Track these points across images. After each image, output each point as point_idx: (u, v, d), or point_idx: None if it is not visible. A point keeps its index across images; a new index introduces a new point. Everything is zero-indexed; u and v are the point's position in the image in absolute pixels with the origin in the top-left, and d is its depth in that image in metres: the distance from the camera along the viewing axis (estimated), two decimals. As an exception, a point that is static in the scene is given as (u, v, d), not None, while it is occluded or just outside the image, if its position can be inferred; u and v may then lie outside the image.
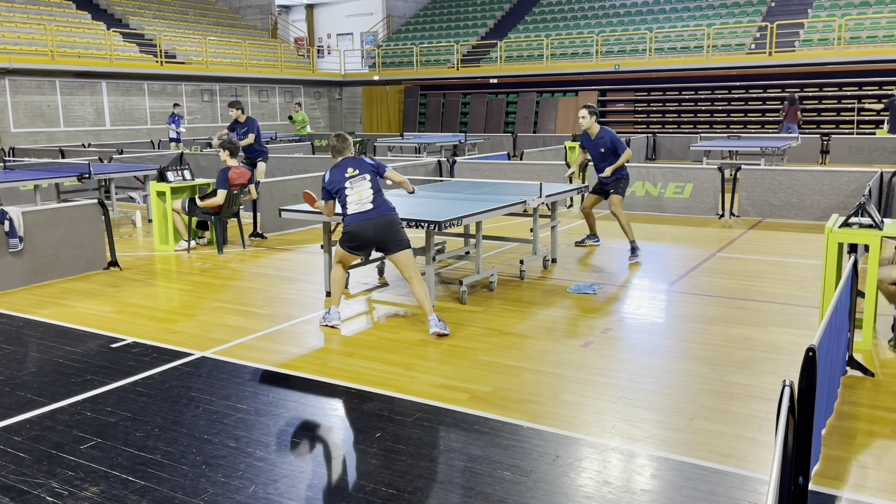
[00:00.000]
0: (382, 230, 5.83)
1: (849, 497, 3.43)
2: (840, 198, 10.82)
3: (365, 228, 5.81)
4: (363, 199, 5.83)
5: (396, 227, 5.91)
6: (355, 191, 5.86)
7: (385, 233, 5.84)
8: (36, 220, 7.76)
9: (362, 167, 5.94)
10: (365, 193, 5.85)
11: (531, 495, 3.46)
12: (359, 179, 5.88)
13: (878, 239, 5.19)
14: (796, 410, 2.72)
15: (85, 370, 5.22)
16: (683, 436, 4.04)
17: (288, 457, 3.88)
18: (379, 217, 5.84)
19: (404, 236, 5.94)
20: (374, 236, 5.84)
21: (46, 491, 3.58)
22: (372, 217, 5.82)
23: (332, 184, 5.95)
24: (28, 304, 7.04)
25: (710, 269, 8.01)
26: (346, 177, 5.89)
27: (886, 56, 21.54)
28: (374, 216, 5.83)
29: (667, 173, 12.00)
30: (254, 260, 8.92)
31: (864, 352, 5.27)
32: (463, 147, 20.85)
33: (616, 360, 5.24)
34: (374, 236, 5.84)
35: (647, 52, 25.52)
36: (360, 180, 5.88)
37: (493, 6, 33.09)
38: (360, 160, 5.99)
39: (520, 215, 8.27)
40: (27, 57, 21.24)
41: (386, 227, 5.85)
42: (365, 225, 5.81)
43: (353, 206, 5.85)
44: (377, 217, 5.83)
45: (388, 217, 5.89)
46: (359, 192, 5.85)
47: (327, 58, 35.43)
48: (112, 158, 15.85)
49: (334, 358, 5.40)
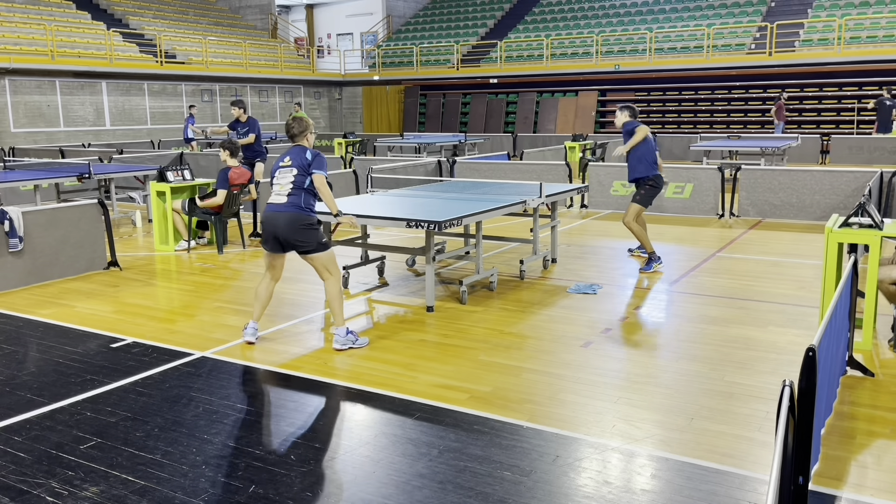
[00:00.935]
0: (279, 226, 5.49)
1: (849, 497, 3.43)
2: (840, 198, 10.82)
3: (268, 219, 5.52)
4: (280, 192, 5.54)
5: (300, 226, 5.48)
6: (278, 181, 5.59)
7: (281, 230, 5.47)
8: (36, 220, 7.76)
9: (296, 159, 5.58)
10: (285, 186, 5.54)
11: (531, 495, 3.46)
12: (286, 171, 5.58)
13: (878, 239, 5.19)
14: (796, 410, 2.72)
15: (85, 370, 5.22)
16: (683, 436, 4.04)
17: (288, 457, 3.88)
18: (276, 212, 5.48)
19: (312, 239, 5.52)
20: (273, 231, 5.50)
21: (46, 491, 3.58)
22: (279, 210, 5.48)
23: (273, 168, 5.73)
24: (28, 304, 7.04)
25: (710, 269, 8.01)
26: (279, 165, 5.64)
27: (886, 56, 21.54)
28: (275, 210, 5.51)
29: (667, 173, 11.99)
30: (254, 260, 8.92)
31: (864, 352, 5.27)
32: (463, 147, 20.84)
33: (616, 360, 5.24)
34: (272, 231, 5.51)
35: (647, 52, 25.52)
36: (287, 171, 5.57)
37: (493, 6, 33.09)
38: (299, 151, 5.60)
39: (520, 215, 8.26)
40: (27, 57, 21.24)
41: (283, 223, 5.47)
42: (269, 217, 5.52)
43: (272, 195, 5.58)
44: (275, 212, 5.49)
45: (292, 215, 5.47)
46: (281, 182, 5.57)
47: (327, 58, 35.44)
48: (112, 158, 15.85)
49: (334, 358, 5.40)
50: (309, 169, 5.53)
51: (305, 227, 5.50)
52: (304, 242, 5.50)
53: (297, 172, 5.52)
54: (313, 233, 5.54)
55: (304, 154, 5.57)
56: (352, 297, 7.14)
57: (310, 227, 5.53)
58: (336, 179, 11.91)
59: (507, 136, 24.62)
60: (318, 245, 5.55)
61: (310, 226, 5.53)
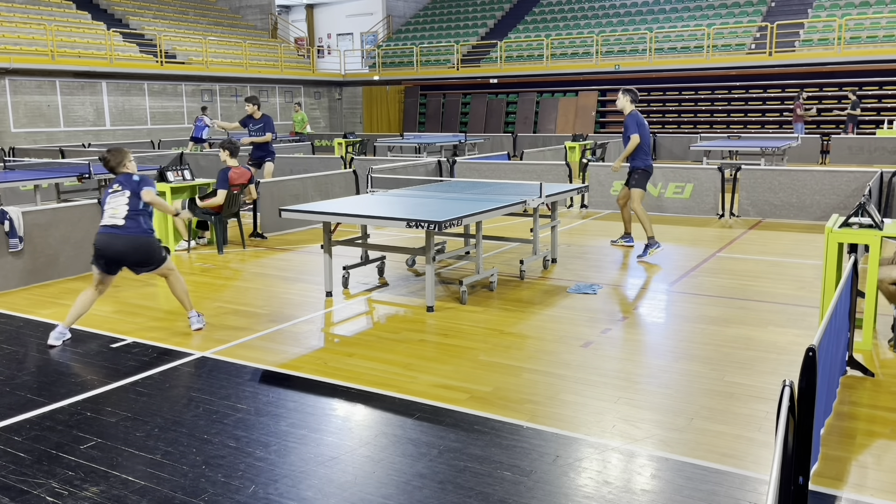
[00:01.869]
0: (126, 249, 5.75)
1: (849, 497, 3.43)
2: (840, 198, 10.82)
3: (106, 242, 5.73)
4: (116, 215, 5.77)
5: (144, 248, 5.83)
6: (111, 205, 5.82)
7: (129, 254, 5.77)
8: (36, 220, 7.76)
9: (126, 185, 5.86)
10: (120, 210, 5.78)
11: (531, 495, 3.46)
12: (118, 195, 5.83)
13: (878, 239, 5.19)
14: (796, 410, 2.72)
15: (85, 370, 5.22)
16: (683, 436, 4.04)
17: (288, 457, 3.88)
18: (124, 235, 5.74)
19: (157, 257, 5.88)
20: (114, 253, 5.75)
21: (46, 491, 3.58)
22: (118, 233, 5.73)
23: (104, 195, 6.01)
24: (28, 304, 7.04)
25: (710, 269, 8.01)
26: (109, 192, 5.88)
27: (886, 56, 21.55)
28: (120, 233, 5.74)
29: (667, 173, 12.01)
30: (254, 260, 8.92)
31: (864, 352, 5.27)
32: (463, 147, 20.84)
33: (616, 360, 5.24)
34: (113, 253, 5.75)
35: (647, 52, 25.53)
36: (119, 195, 5.83)
37: (493, 6, 33.10)
38: (127, 178, 5.90)
39: (520, 215, 8.26)
40: (27, 57, 21.25)
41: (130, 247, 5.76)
42: (107, 238, 5.74)
43: (106, 219, 5.80)
44: (122, 234, 5.74)
45: (133, 238, 5.77)
46: (114, 206, 5.80)
47: (327, 58, 35.44)
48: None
49: (334, 358, 5.40)
50: (139, 190, 5.83)
51: (147, 248, 5.86)
52: (150, 262, 5.89)
53: (129, 195, 5.83)
54: (156, 252, 5.91)
55: (132, 178, 5.92)
56: (352, 297, 7.14)
57: (151, 247, 5.88)
58: (336, 180, 11.92)
59: (507, 136, 24.63)
60: (161, 259, 5.94)
61: (151, 246, 5.88)
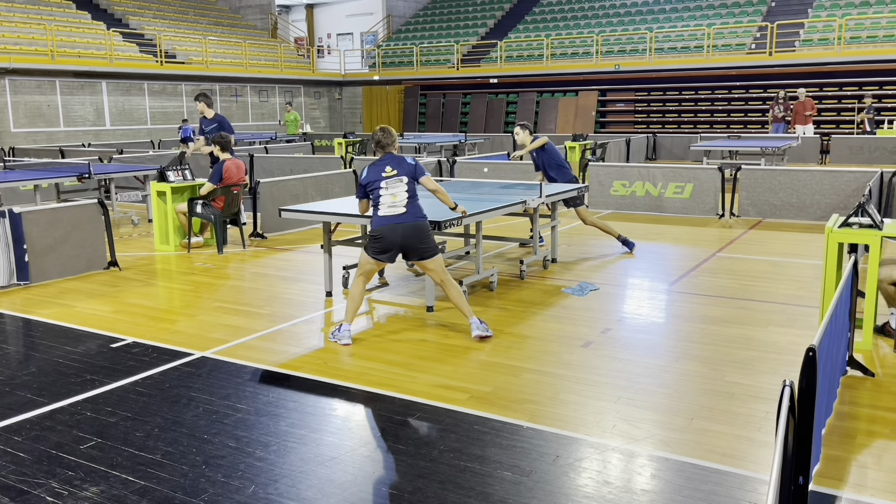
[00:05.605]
0: (410, 236, 5.65)
1: (849, 497, 3.42)
2: (840, 198, 10.82)
3: (394, 231, 5.62)
4: (396, 202, 5.64)
5: (425, 234, 5.72)
6: (389, 192, 5.65)
7: (412, 239, 5.66)
8: (36, 220, 7.76)
9: (401, 167, 5.70)
10: (399, 196, 5.64)
11: (531, 495, 3.46)
12: (395, 180, 5.66)
13: (878, 239, 5.19)
14: (796, 410, 2.72)
15: (85, 370, 5.22)
16: (683, 436, 4.04)
17: (288, 457, 3.88)
18: (408, 223, 5.65)
19: (433, 243, 5.77)
20: (401, 241, 5.66)
21: (46, 491, 3.58)
22: (402, 221, 5.63)
23: (368, 181, 5.72)
24: (28, 304, 7.04)
25: (710, 269, 8.01)
26: (382, 176, 5.67)
27: (886, 56, 21.55)
28: (403, 220, 5.64)
29: (667, 173, 12.00)
30: (254, 260, 8.92)
31: (864, 352, 5.27)
32: (463, 147, 20.83)
33: (616, 360, 5.24)
34: (400, 241, 5.66)
35: (647, 52, 25.53)
36: (397, 181, 5.66)
37: (493, 6, 33.10)
38: (401, 159, 5.75)
39: (520, 215, 8.26)
40: (27, 57, 21.25)
41: (414, 233, 5.66)
42: (394, 228, 5.62)
43: (384, 207, 5.65)
44: (406, 222, 5.64)
45: (418, 224, 5.69)
46: (393, 193, 5.64)
47: (327, 58, 35.44)
48: (112, 158, 15.85)
49: (334, 358, 5.40)
50: (415, 174, 5.74)
51: (429, 232, 5.79)
52: (430, 247, 5.76)
53: (407, 180, 5.70)
54: (433, 238, 5.83)
55: (405, 160, 5.75)
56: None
57: (430, 232, 5.81)
58: (336, 180, 11.92)
59: (507, 136, 24.61)
60: (436, 246, 5.82)
61: (430, 231, 5.81)
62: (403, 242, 5.68)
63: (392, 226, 5.63)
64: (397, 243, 5.67)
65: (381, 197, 5.66)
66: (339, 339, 5.72)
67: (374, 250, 5.73)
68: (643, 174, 12.18)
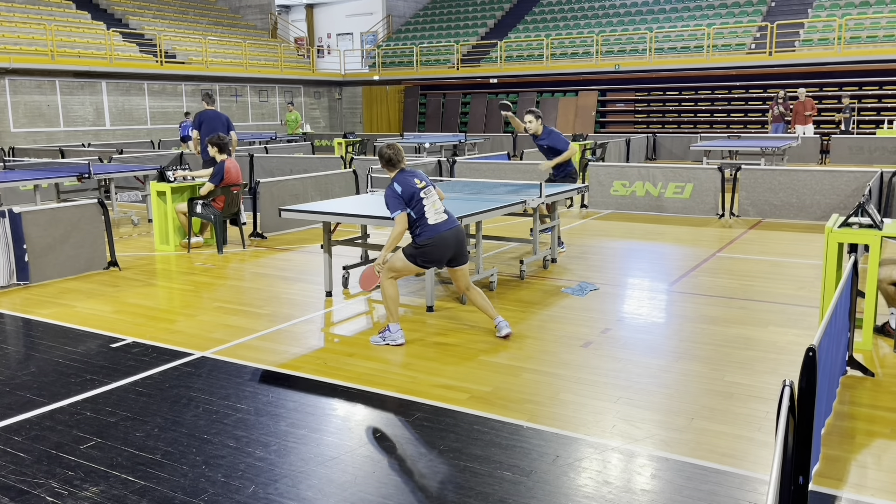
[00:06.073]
0: (461, 241, 5.64)
1: (849, 497, 3.43)
2: (840, 198, 10.82)
3: (448, 239, 5.56)
4: (438, 209, 5.60)
5: (465, 236, 5.76)
6: (430, 200, 5.60)
7: (462, 243, 5.65)
8: (36, 220, 7.76)
9: (424, 178, 5.68)
10: (437, 204, 5.63)
11: (531, 495, 3.46)
12: (428, 190, 5.63)
13: (878, 239, 5.19)
14: (796, 410, 2.72)
15: (85, 370, 5.22)
16: (683, 436, 4.04)
17: (288, 457, 3.88)
18: (456, 227, 5.62)
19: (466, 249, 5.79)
20: (455, 246, 5.61)
21: (46, 491, 3.58)
22: (452, 226, 5.60)
23: (410, 194, 5.55)
24: (28, 303, 7.04)
25: (710, 269, 8.01)
26: (417, 187, 5.58)
27: (886, 56, 21.54)
28: (452, 226, 5.61)
29: (667, 173, 12.00)
30: (254, 260, 8.92)
31: (864, 352, 5.27)
32: (463, 147, 20.84)
33: (616, 360, 5.24)
34: (454, 246, 5.60)
35: (647, 52, 25.53)
36: (430, 191, 5.64)
37: (493, 6, 33.10)
38: (415, 171, 5.72)
39: (520, 215, 8.26)
40: (27, 57, 21.24)
41: (463, 237, 5.66)
42: (448, 235, 5.56)
43: (432, 216, 5.56)
44: (455, 227, 5.62)
45: (461, 228, 5.71)
46: (433, 202, 5.60)
47: (327, 58, 35.44)
48: (112, 158, 15.85)
49: (334, 358, 5.40)
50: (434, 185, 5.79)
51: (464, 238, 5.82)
52: (467, 251, 5.79)
53: (434, 189, 5.73)
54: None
55: (422, 173, 5.76)
56: (352, 297, 7.14)
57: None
58: (336, 179, 11.92)
59: (507, 136, 24.62)
60: (467, 252, 5.84)
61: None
62: (456, 247, 5.64)
63: (448, 232, 5.58)
64: (452, 248, 5.62)
65: (426, 207, 5.58)
66: (394, 340, 5.64)
67: (426, 259, 5.61)
68: (643, 174, 12.18)
